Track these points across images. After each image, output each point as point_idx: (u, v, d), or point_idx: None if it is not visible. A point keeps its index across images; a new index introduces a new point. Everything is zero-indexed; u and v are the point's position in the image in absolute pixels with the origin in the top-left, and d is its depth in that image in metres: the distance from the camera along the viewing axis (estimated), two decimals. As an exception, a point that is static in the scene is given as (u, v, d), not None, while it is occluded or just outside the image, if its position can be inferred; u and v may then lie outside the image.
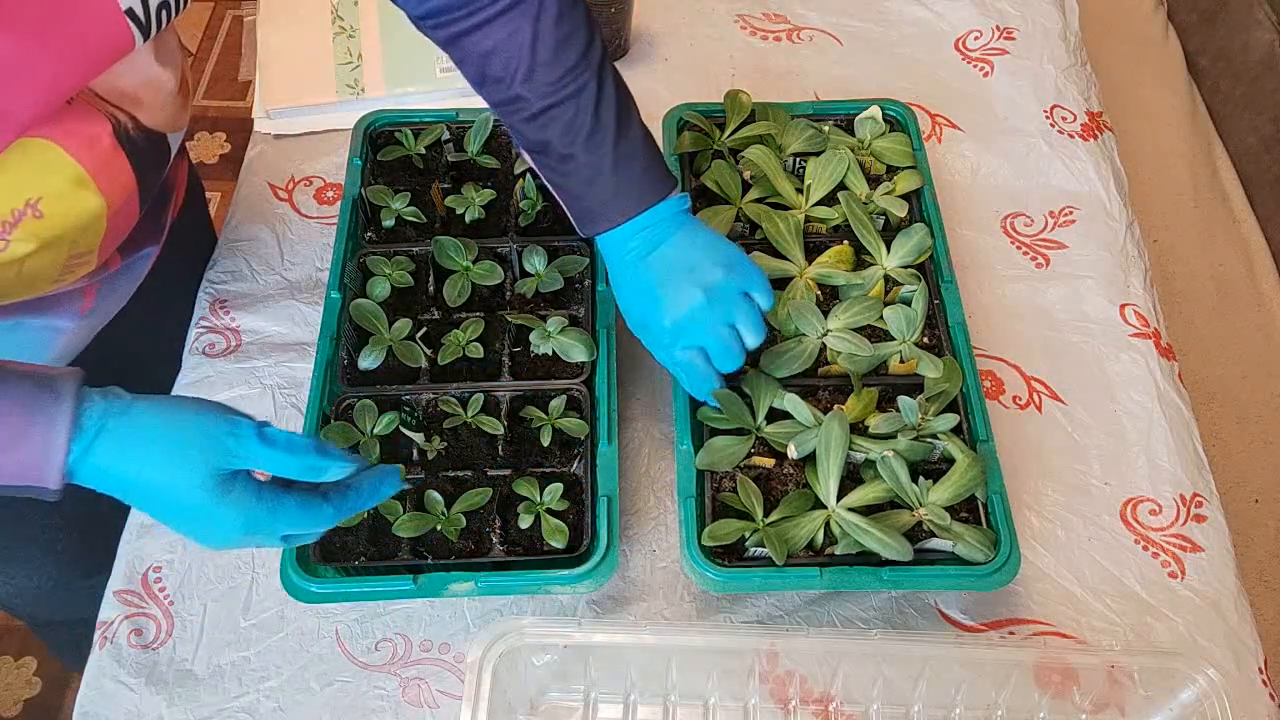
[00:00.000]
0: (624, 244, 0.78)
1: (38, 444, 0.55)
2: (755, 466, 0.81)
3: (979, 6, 1.24)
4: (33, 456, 0.55)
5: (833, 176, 0.92)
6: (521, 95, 0.74)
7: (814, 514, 0.77)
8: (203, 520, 0.59)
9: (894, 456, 0.77)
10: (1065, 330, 0.99)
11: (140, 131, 0.76)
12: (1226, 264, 1.66)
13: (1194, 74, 1.84)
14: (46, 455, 0.55)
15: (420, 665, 0.82)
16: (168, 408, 0.60)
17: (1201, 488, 0.91)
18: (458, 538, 0.79)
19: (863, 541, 0.75)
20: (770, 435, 0.81)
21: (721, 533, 0.75)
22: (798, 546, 0.76)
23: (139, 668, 0.82)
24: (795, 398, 0.81)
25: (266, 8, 1.23)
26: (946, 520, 0.76)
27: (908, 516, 0.77)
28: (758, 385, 0.82)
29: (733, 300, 0.77)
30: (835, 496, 0.77)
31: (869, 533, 0.75)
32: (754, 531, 0.76)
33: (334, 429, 0.82)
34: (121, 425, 0.57)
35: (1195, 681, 0.72)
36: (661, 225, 0.78)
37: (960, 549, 0.76)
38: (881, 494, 0.77)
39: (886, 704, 0.79)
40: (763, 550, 0.76)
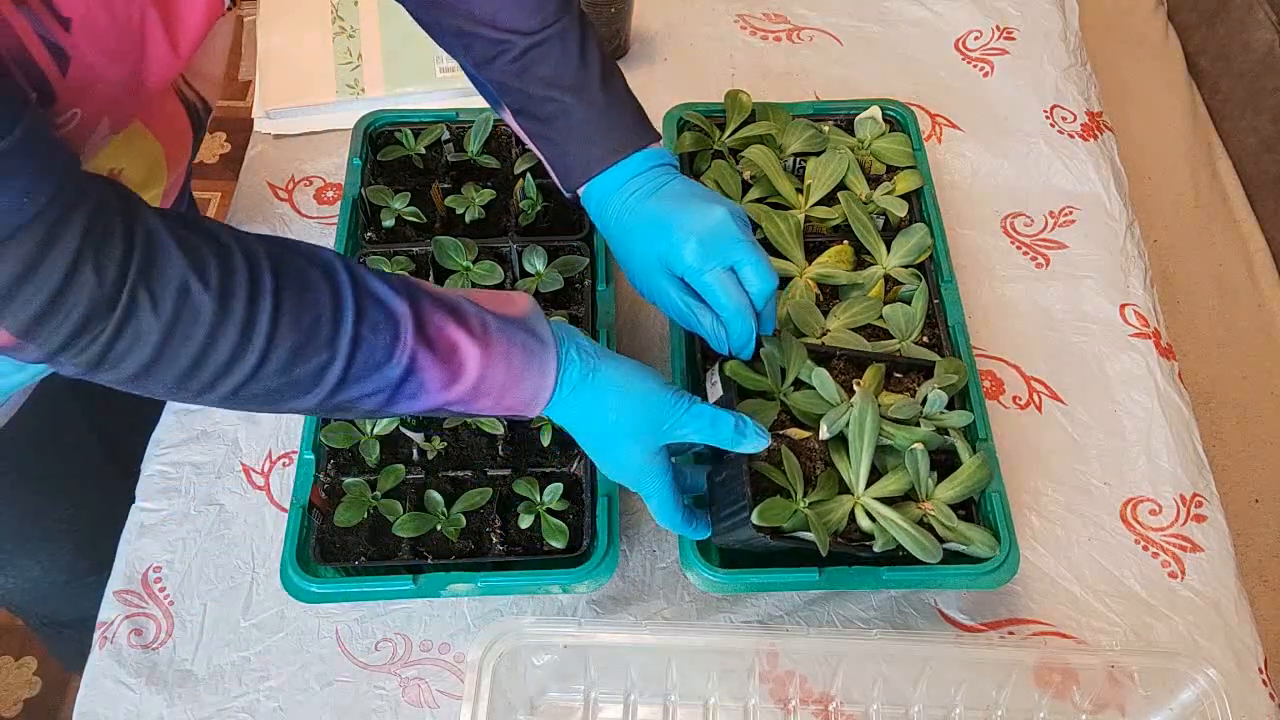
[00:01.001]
0: (624, 186, 0.76)
1: (531, 387, 0.64)
2: (788, 438, 0.76)
3: (979, 6, 1.24)
4: (526, 395, 0.65)
5: (833, 176, 0.92)
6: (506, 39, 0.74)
7: (842, 499, 0.74)
8: (624, 470, 0.69)
9: (921, 450, 0.75)
10: (1065, 330, 0.99)
11: (205, 109, 0.79)
12: (1226, 264, 1.66)
13: (1194, 74, 1.84)
14: (537, 396, 0.65)
15: (420, 665, 0.82)
16: (627, 376, 0.68)
17: (1201, 488, 0.91)
18: (458, 538, 0.79)
19: (897, 537, 0.72)
20: (795, 404, 0.77)
21: (773, 514, 0.70)
22: (831, 531, 0.73)
23: (139, 668, 0.82)
24: (823, 373, 0.77)
25: (266, 8, 1.23)
26: (954, 521, 0.75)
27: (915, 510, 0.76)
28: (789, 348, 0.78)
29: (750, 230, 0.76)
30: (865, 484, 0.74)
31: (904, 530, 0.72)
32: (794, 513, 0.71)
33: (334, 429, 0.82)
34: (588, 386, 0.66)
35: (1195, 681, 0.72)
36: (664, 169, 0.77)
37: (971, 551, 0.75)
38: (903, 485, 0.75)
39: (886, 704, 0.79)
40: (803, 533, 0.71)
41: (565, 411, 0.67)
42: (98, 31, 0.57)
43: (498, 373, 0.63)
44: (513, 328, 0.64)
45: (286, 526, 0.78)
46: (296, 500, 0.79)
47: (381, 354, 0.59)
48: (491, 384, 0.63)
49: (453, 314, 0.62)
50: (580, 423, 0.67)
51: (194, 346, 0.53)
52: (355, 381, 0.59)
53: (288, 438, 0.93)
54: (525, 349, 0.64)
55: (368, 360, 0.58)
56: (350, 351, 0.58)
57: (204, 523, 0.88)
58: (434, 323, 0.61)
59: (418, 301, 0.61)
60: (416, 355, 0.60)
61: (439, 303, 0.62)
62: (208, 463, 0.92)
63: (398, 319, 0.59)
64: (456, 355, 0.61)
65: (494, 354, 0.62)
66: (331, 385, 0.58)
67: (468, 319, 0.62)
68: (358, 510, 0.79)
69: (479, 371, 0.62)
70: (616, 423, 0.66)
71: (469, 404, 0.63)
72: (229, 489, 0.90)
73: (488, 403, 0.64)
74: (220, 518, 0.89)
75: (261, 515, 0.89)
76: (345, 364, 0.58)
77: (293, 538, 0.78)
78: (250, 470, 0.91)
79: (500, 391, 0.63)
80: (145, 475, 0.91)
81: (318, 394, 0.58)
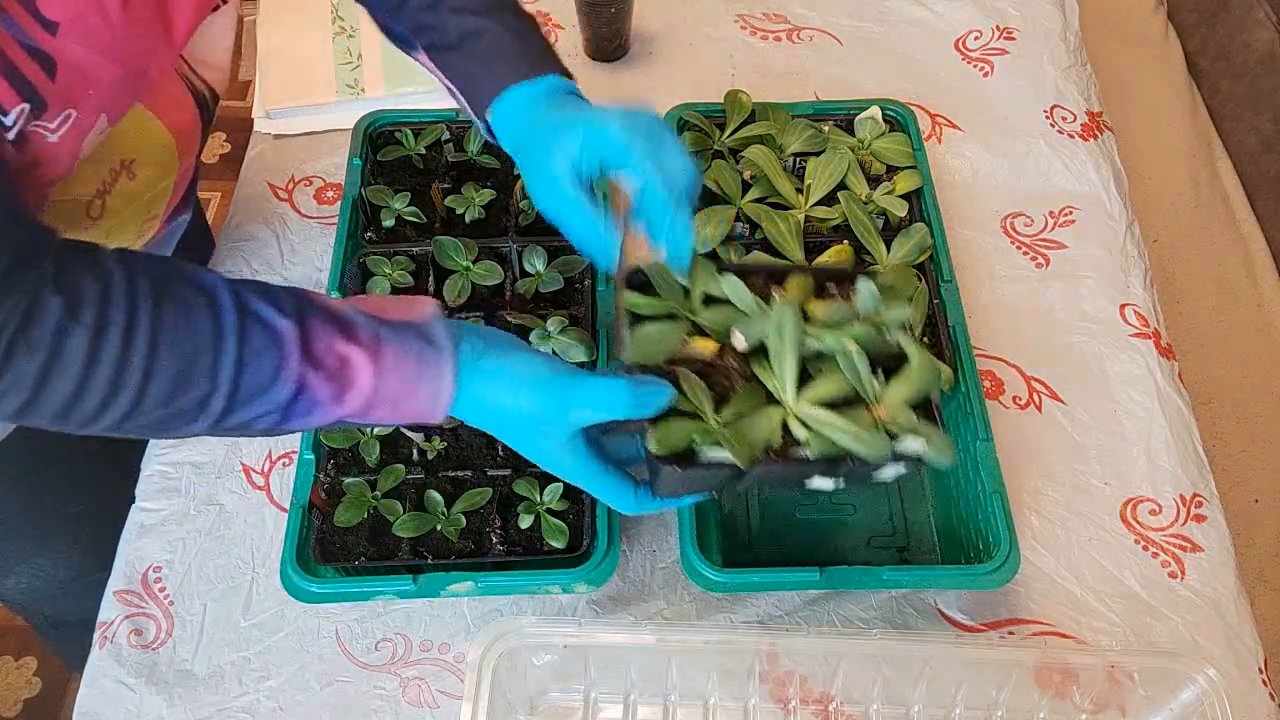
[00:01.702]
0: (536, 100, 0.73)
1: (428, 393, 0.63)
2: (693, 358, 0.68)
3: (979, 6, 1.24)
4: (424, 402, 0.63)
5: (833, 176, 0.92)
6: None
7: (769, 411, 0.66)
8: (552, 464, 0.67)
9: (856, 351, 0.67)
10: (1065, 330, 0.99)
11: (213, 98, 0.80)
12: (1226, 264, 1.66)
13: (1194, 74, 1.84)
14: (436, 402, 0.63)
15: (420, 665, 0.82)
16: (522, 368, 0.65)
17: (1201, 488, 0.91)
18: (458, 538, 0.79)
19: (835, 439, 0.65)
20: (708, 321, 0.70)
21: (672, 438, 0.63)
22: (756, 448, 0.65)
23: (139, 668, 0.82)
24: (735, 279, 0.70)
25: (266, 8, 1.23)
26: (912, 418, 0.67)
27: (867, 416, 0.67)
28: (694, 264, 0.71)
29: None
30: (793, 392, 0.67)
31: (841, 430, 0.65)
32: (706, 433, 0.64)
33: (334, 429, 0.82)
34: (487, 385, 0.65)
35: (1195, 681, 0.72)
36: (578, 98, 0.74)
37: (930, 450, 0.66)
38: (838, 389, 0.67)
39: (886, 704, 0.79)
40: (719, 455, 0.64)
41: (472, 412, 0.65)
42: (89, 31, 0.57)
43: (391, 382, 0.62)
44: (406, 335, 0.63)
45: (286, 526, 0.78)
46: (296, 500, 0.79)
47: (267, 377, 0.58)
48: (385, 394, 0.62)
49: (342, 329, 0.61)
50: (490, 422, 0.66)
51: (69, 385, 0.53)
52: (242, 406, 0.59)
53: (288, 438, 0.93)
54: (419, 356, 0.63)
55: (253, 384, 0.58)
56: (234, 377, 0.57)
57: (204, 523, 0.88)
58: (322, 340, 0.60)
59: (305, 319, 0.60)
60: (304, 375, 0.59)
61: (329, 318, 0.61)
62: (208, 463, 0.92)
63: (283, 340, 0.59)
64: (347, 369, 0.61)
65: (385, 364, 0.61)
66: (218, 412, 0.58)
67: (357, 331, 0.61)
68: (358, 510, 0.79)
69: (372, 383, 0.61)
70: (520, 417, 0.64)
71: (366, 415, 0.63)
72: (229, 489, 0.90)
73: (384, 412, 0.63)
74: (220, 518, 0.89)
75: (261, 515, 0.89)
76: (230, 390, 0.58)
77: (293, 538, 0.78)
78: (250, 470, 0.91)
79: (396, 400, 0.62)
80: (145, 475, 0.91)
81: (205, 420, 0.58)
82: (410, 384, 0.62)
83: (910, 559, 0.86)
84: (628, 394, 0.63)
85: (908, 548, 0.87)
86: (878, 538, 0.87)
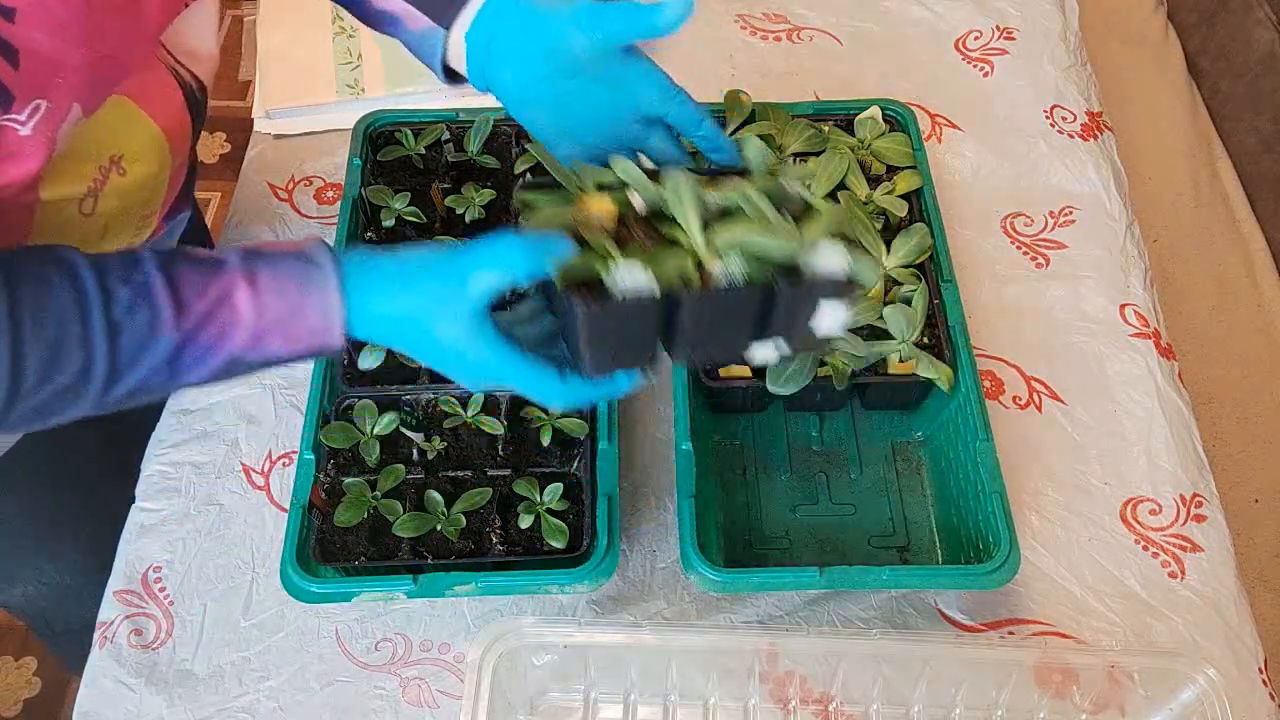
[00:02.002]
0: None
1: (318, 312, 0.62)
2: (592, 224, 0.65)
3: (979, 6, 1.24)
4: (316, 321, 0.62)
5: (833, 176, 0.92)
6: None
7: (678, 251, 0.64)
8: (469, 366, 0.64)
9: (758, 193, 0.65)
10: (1065, 330, 0.99)
11: (200, 89, 0.78)
12: (1226, 264, 1.66)
13: (1194, 74, 1.84)
14: (328, 320, 0.62)
15: (420, 665, 0.82)
16: (405, 257, 0.64)
17: (1201, 488, 0.91)
18: (458, 538, 0.79)
19: (747, 244, 0.63)
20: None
21: (576, 268, 0.61)
22: (669, 275, 0.62)
23: (139, 668, 0.82)
24: (626, 160, 0.68)
25: (266, 8, 1.23)
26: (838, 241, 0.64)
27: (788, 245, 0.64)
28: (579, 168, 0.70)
29: None
30: (700, 235, 0.64)
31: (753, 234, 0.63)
32: (613, 256, 0.62)
33: (334, 429, 0.82)
34: (376, 289, 0.63)
35: (1195, 681, 0.72)
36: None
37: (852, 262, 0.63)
38: (746, 230, 0.64)
39: (886, 704, 0.79)
40: (631, 280, 0.60)
41: (371, 323, 0.63)
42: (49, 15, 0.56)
43: (275, 306, 0.61)
44: (284, 260, 0.62)
45: (286, 526, 0.78)
46: (296, 500, 0.79)
47: (144, 333, 0.58)
48: (272, 321, 0.61)
49: (213, 269, 0.61)
50: (392, 328, 0.64)
51: None
52: (127, 369, 0.58)
53: (288, 438, 0.93)
54: (300, 275, 0.62)
55: (132, 345, 0.58)
56: (109, 340, 0.57)
57: (204, 523, 0.89)
58: (192, 284, 0.60)
59: (171, 269, 0.59)
60: (181, 322, 0.59)
61: (195, 263, 0.61)
62: (208, 463, 0.92)
63: (151, 292, 0.58)
64: (225, 305, 0.60)
65: (263, 290, 0.61)
66: (102, 379, 0.57)
67: (227, 267, 0.61)
68: (358, 510, 0.79)
69: (254, 312, 0.60)
70: (418, 308, 0.62)
71: (259, 348, 0.62)
72: (229, 489, 0.90)
73: (278, 342, 0.62)
74: (220, 518, 0.89)
75: (261, 515, 0.89)
76: (109, 354, 0.57)
77: (293, 538, 0.78)
78: (250, 470, 0.91)
79: (285, 324, 0.61)
80: (145, 475, 0.91)
81: (92, 392, 0.58)
82: (295, 304, 0.61)
83: (910, 559, 0.86)
84: (522, 245, 0.61)
85: (908, 548, 0.87)
86: (877, 538, 0.87)
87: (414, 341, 0.64)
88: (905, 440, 0.93)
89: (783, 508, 0.89)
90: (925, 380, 0.84)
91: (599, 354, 0.64)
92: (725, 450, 0.92)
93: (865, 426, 0.94)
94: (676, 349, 0.65)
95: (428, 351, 0.64)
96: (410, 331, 0.63)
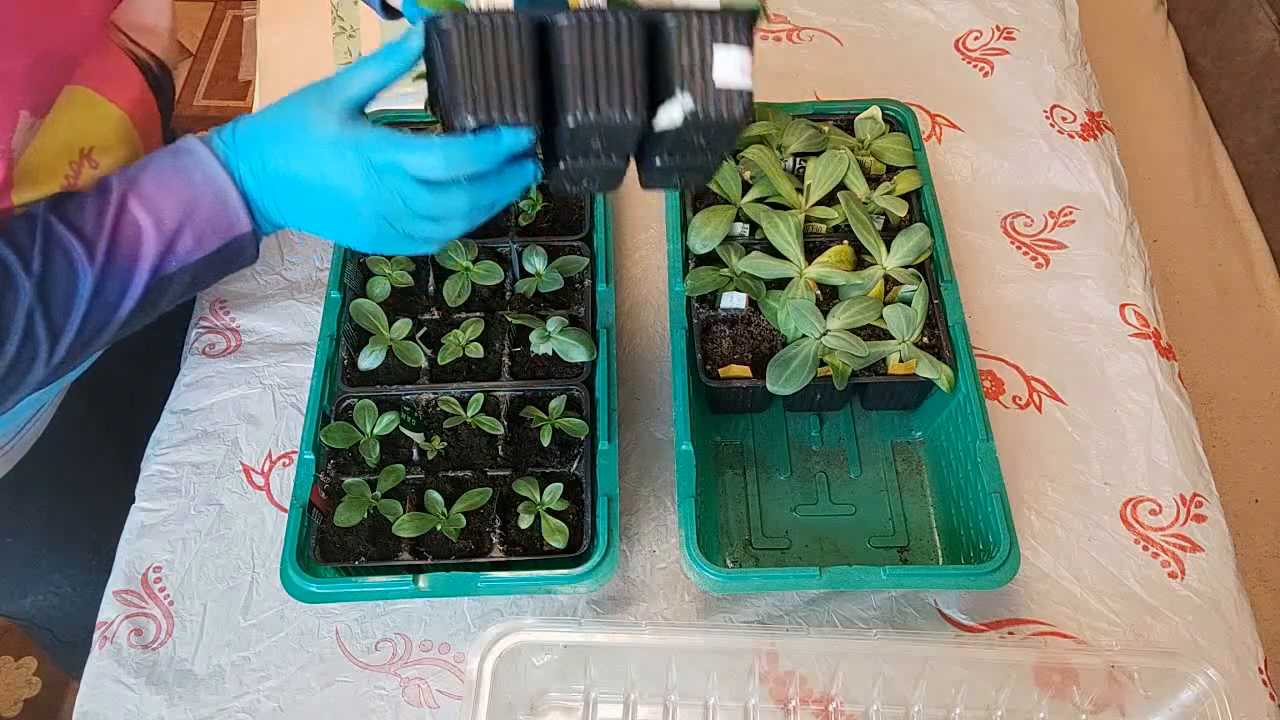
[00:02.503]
0: None
1: (210, 190, 0.61)
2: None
3: (979, 6, 1.24)
4: (214, 200, 0.61)
5: (833, 176, 0.92)
6: None
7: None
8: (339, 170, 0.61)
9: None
10: (1065, 330, 0.99)
11: (160, 66, 0.77)
12: (1226, 264, 1.66)
13: (1194, 74, 1.84)
14: (225, 193, 0.61)
15: (420, 665, 0.82)
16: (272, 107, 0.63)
17: (1201, 488, 0.91)
18: (458, 538, 0.79)
19: None
20: None
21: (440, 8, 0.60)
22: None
23: (139, 668, 0.82)
24: None
25: (266, 8, 1.23)
26: None
27: None
28: None
29: None
30: None
31: None
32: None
33: (334, 429, 0.82)
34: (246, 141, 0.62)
35: (1195, 681, 0.72)
36: None
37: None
38: None
39: (886, 704, 0.79)
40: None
41: (271, 187, 0.62)
42: None
43: (169, 204, 0.61)
44: (159, 159, 0.62)
45: (286, 526, 0.78)
46: (296, 500, 0.79)
47: (65, 274, 0.58)
48: (171, 218, 0.61)
49: (100, 194, 0.61)
50: (297, 180, 0.62)
51: None
52: (64, 316, 0.59)
53: (288, 438, 0.93)
54: (178, 167, 0.62)
55: (60, 291, 0.58)
56: (40, 296, 0.58)
57: (204, 523, 0.89)
58: (86, 213, 0.60)
59: (62, 208, 0.60)
60: (93, 249, 0.59)
61: (82, 197, 0.61)
62: (208, 463, 0.92)
63: (55, 234, 0.59)
64: (124, 219, 0.60)
65: (151, 194, 0.61)
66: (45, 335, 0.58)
67: (111, 187, 0.61)
68: (358, 510, 0.79)
69: (151, 217, 0.60)
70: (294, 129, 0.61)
71: (176, 254, 0.61)
72: (229, 489, 0.90)
73: (189, 241, 0.62)
74: (220, 518, 0.89)
75: (261, 515, 0.89)
76: (44, 310, 0.58)
77: (293, 538, 0.78)
78: (250, 470, 0.91)
79: (187, 217, 0.61)
80: (145, 475, 0.91)
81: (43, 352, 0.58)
82: (185, 196, 0.61)
83: (910, 559, 0.86)
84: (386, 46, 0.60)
85: (908, 548, 0.87)
86: (877, 538, 0.87)
87: (322, 188, 0.61)
88: (905, 440, 0.93)
89: (783, 508, 0.89)
90: (925, 380, 0.84)
91: (466, 92, 0.59)
92: (725, 450, 0.92)
93: (865, 426, 0.94)
94: (568, 104, 0.59)
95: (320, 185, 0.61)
96: (309, 176, 0.61)
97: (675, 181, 0.68)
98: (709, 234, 0.88)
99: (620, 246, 1.04)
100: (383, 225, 0.63)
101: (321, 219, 0.64)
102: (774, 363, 0.83)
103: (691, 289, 0.86)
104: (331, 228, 0.65)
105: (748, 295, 0.87)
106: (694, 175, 0.68)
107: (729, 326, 0.88)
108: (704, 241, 0.88)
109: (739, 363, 0.86)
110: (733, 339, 0.88)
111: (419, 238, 0.65)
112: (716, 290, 0.87)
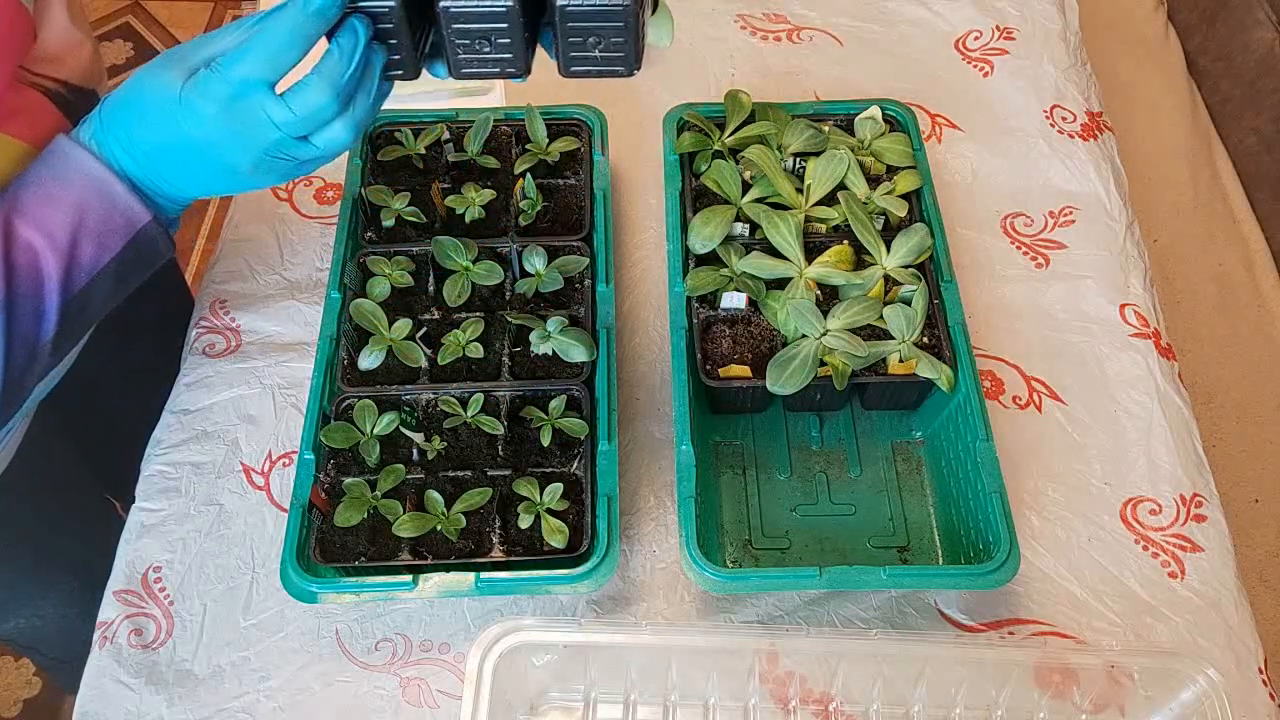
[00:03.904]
0: None
1: (91, 187, 0.58)
2: None
3: (979, 6, 1.24)
4: (98, 199, 0.58)
5: (833, 176, 0.92)
6: None
7: None
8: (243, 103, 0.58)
9: None
10: (1065, 330, 0.99)
11: (72, 91, 0.74)
12: (1226, 264, 1.66)
13: (1194, 74, 1.84)
14: (102, 189, 0.59)
15: (420, 665, 0.82)
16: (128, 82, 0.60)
17: (1201, 488, 0.91)
18: (458, 538, 0.79)
19: None
20: None
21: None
22: None
23: (139, 668, 0.82)
24: None
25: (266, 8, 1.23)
26: None
27: None
28: None
29: None
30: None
31: None
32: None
33: (334, 429, 0.82)
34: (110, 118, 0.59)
35: (1195, 681, 0.72)
36: None
37: None
38: None
39: (886, 704, 0.79)
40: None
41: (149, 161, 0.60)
42: None
43: (53, 213, 0.58)
44: (33, 172, 0.59)
45: (286, 526, 0.78)
46: (296, 500, 0.79)
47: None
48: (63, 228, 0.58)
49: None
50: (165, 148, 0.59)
51: None
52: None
53: (288, 438, 0.93)
54: (52, 173, 0.59)
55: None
56: None
57: (204, 523, 0.89)
58: None
59: None
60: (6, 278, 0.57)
61: None
62: (208, 463, 0.92)
63: None
64: (14, 243, 0.57)
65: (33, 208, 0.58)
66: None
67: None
68: (358, 510, 0.79)
69: (42, 233, 0.58)
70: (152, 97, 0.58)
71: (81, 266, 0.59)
72: (229, 489, 0.90)
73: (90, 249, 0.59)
74: (220, 518, 0.89)
75: (261, 515, 0.89)
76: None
77: (293, 538, 0.78)
78: (250, 470, 0.91)
79: (79, 224, 0.58)
80: (145, 475, 0.91)
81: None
82: (69, 200, 0.59)
83: (910, 559, 0.86)
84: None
85: (908, 548, 0.87)
86: (877, 538, 0.87)
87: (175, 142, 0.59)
88: (905, 440, 0.93)
89: (783, 508, 0.89)
90: (925, 380, 0.84)
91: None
92: (725, 450, 0.92)
93: (865, 426, 0.94)
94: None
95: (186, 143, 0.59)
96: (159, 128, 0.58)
97: (593, 72, 0.65)
98: (709, 234, 0.88)
99: (620, 246, 1.04)
100: (262, 157, 0.60)
101: (207, 177, 0.61)
102: (774, 363, 0.83)
103: (691, 289, 0.86)
104: (222, 181, 0.62)
105: (748, 295, 0.87)
106: (611, 66, 0.64)
107: (729, 326, 0.88)
108: (704, 241, 0.88)
109: (739, 363, 0.86)
110: (733, 339, 0.88)
111: (306, 158, 0.62)
112: (716, 290, 0.87)
